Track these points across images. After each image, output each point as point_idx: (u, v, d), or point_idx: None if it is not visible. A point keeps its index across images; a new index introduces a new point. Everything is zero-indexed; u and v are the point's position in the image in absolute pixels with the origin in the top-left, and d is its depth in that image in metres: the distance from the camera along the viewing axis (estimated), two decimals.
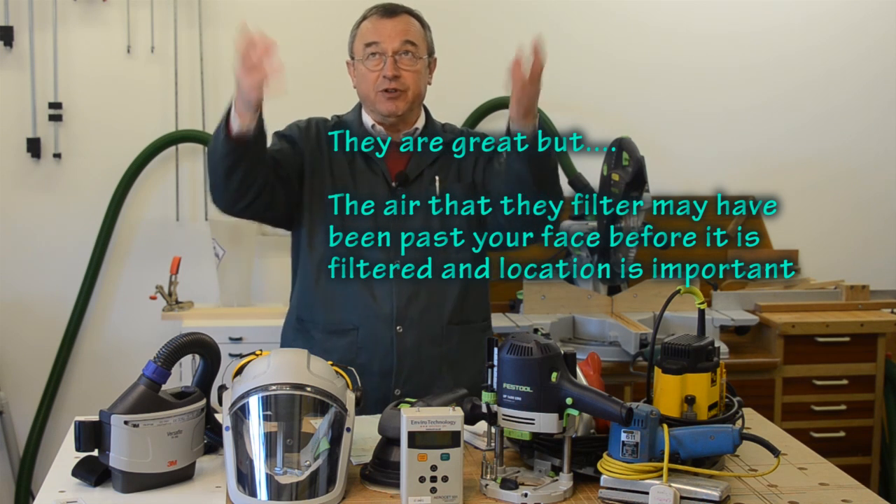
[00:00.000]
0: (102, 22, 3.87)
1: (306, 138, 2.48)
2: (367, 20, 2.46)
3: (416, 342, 2.39)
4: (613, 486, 1.79)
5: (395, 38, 2.40)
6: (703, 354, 1.93)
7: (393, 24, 2.42)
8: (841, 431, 3.74)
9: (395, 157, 2.46)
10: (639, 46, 4.16)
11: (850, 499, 1.84)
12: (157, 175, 3.96)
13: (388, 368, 2.39)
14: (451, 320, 2.44)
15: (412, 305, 2.39)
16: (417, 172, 2.44)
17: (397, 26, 2.41)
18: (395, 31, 2.41)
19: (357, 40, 2.46)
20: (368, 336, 2.39)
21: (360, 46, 2.44)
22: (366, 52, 2.42)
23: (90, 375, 3.98)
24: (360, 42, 2.44)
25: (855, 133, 4.33)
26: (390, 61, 2.39)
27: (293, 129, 2.51)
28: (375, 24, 2.43)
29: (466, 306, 2.47)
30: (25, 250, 3.91)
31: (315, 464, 1.78)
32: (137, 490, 1.82)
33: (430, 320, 2.41)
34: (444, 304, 2.43)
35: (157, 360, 1.84)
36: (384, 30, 2.41)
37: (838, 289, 3.93)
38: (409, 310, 2.39)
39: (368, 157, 2.45)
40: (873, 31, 4.30)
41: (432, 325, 2.41)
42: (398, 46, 2.40)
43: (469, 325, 2.47)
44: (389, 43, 2.40)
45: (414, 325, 2.39)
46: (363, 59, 2.42)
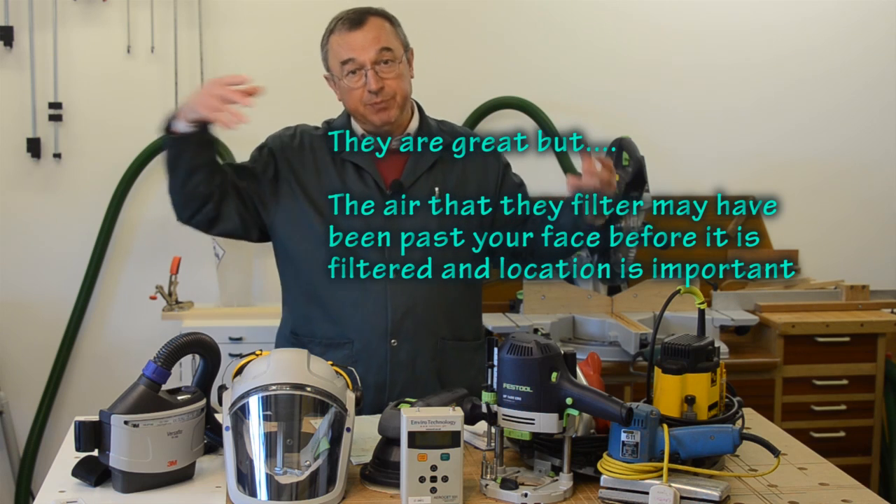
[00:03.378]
0: (102, 22, 3.87)
1: (290, 147, 2.44)
2: (335, 34, 2.39)
3: (410, 356, 2.39)
4: (613, 486, 1.79)
5: (370, 49, 2.33)
6: (703, 354, 1.93)
7: (363, 35, 2.34)
8: (841, 431, 3.74)
9: (390, 162, 2.42)
10: (639, 46, 4.16)
11: (850, 499, 1.84)
12: (157, 175, 3.96)
13: (382, 381, 2.38)
14: (445, 335, 2.44)
15: (407, 319, 2.38)
16: (413, 180, 2.41)
17: (368, 36, 2.34)
18: (367, 42, 2.33)
19: (331, 57, 2.40)
20: (363, 349, 2.38)
21: (336, 64, 2.38)
22: (343, 69, 2.35)
23: (90, 375, 3.98)
24: (335, 60, 2.38)
25: (855, 133, 4.32)
26: (371, 74, 2.32)
27: (275, 140, 2.47)
28: (346, 39, 2.35)
29: (461, 322, 2.47)
30: (25, 250, 3.91)
31: (315, 464, 1.78)
32: (137, 490, 1.82)
33: (425, 334, 2.40)
34: (439, 318, 2.42)
35: (157, 360, 1.84)
36: (356, 43, 2.34)
37: (838, 289, 3.93)
38: (403, 323, 2.38)
39: (358, 165, 2.41)
40: (873, 31, 4.29)
41: (427, 340, 2.40)
42: (374, 56, 2.33)
43: (462, 342, 2.47)
44: (365, 55, 2.33)
45: (408, 339, 2.38)
46: (342, 76, 2.37)
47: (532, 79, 4.08)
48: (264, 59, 3.97)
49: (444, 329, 2.44)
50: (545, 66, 4.12)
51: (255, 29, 3.97)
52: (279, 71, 3.98)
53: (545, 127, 3.94)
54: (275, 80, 3.94)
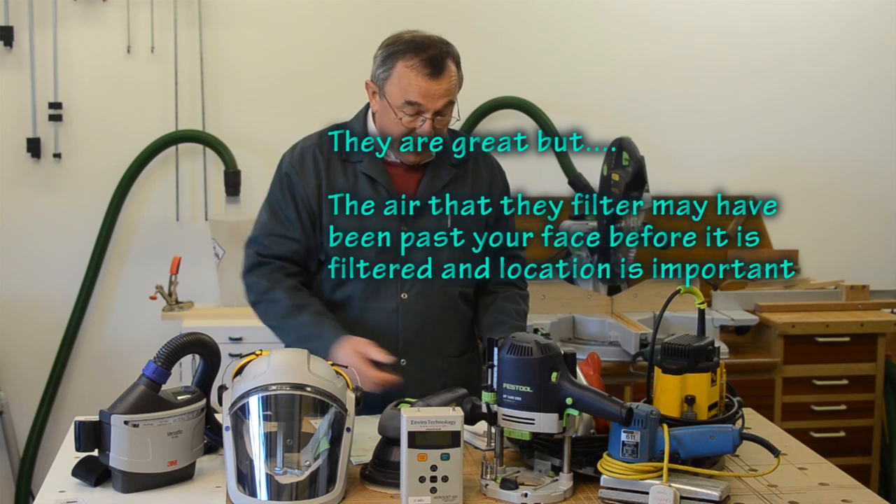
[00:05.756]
0: (102, 22, 3.87)
1: (302, 177, 2.39)
2: (408, 67, 2.27)
3: (419, 375, 2.39)
4: (613, 486, 1.79)
5: (440, 100, 2.28)
6: (703, 354, 1.93)
7: (439, 85, 2.27)
8: (841, 431, 3.74)
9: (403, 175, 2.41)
10: (639, 46, 4.16)
11: (850, 499, 1.84)
12: (157, 175, 3.96)
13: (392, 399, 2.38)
14: (452, 353, 2.46)
15: (418, 338, 2.40)
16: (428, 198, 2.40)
17: (442, 87, 2.28)
18: (440, 93, 2.28)
19: (392, 84, 2.30)
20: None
21: (397, 96, 2.29)
22: (404, 106, 2.29)
23: (90, 375, 3.98)
24: (398, 92, 2.29)
25: (855, 133, 4.32)
26: (429, 123, 2.29)
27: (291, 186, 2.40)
28: (420, 83, 2.26)
29: (466, 337, 2.49)
30: (25, 250, 3.91)
31: (315, 464, 1.78)
32: (137, 490, 1.82)
33: (434, 353, 2.43)
34: (447, 337, 2.45)
35: (157, 360, 1.84)
36: (429, 92, 2.27)
37: (838, 289, 3.93)
38: (414, 342, 2.40)
39: (373, 178, 2.39)
40: (873, 31, 4.29)
41: (435, 358, 2.43)
42: (440, 107, 2.29)
43: (464, 355, 2.50)
44: (432, 105, 2.28)
45: (418, 358, 2.39)
46: (398, 107, 2.29)
47: (532, 79, 4.08)
48: (264, 59, 3.97)
49: (452, 347, 2.47)
50: (545, 66, 4.12)
51: (255, 29, 3.97)
52: (279, 71, 3.98)
53: (545, 127, 3.94)
54: (275, 80, 3.99)
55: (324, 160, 2.40)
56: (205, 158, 3.96)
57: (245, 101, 3.97)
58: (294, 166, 2.40)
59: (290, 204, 2.39)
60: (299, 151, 2.43)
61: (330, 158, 2.41)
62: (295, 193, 2.39)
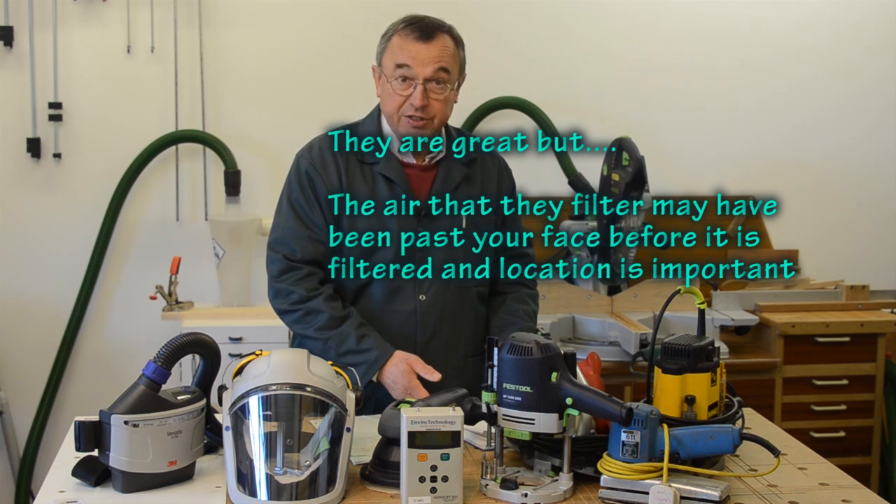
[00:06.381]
0: (102, 22, 3.87)
1: (324, 175, 2.37)
2: (399, 35, 2.32)
3: None
4: (613, 486, 1.79)
5: (429, 66, 2.29)
6: (703, 354, 1.93)
7: (427, 50, 2.29)
8: (841, 431, 3.74)
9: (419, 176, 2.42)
10: (639, 46, 4.16)
11: (850, 499, 1.84)
12: (157, 175, 3.96)
13: None
14: (468, 353, 2.47)
15: (435, 339, 2.41)
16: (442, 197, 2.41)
17: (431, 52, 2.29)
18: (429, 58, 2.29)
19: (387, 55, 2.34)
20: None
21: (390, 64, 2.32)
22: (396, 72, 2.31)
23: (90, 375, 3.98)
24: (391, 59, 2.32)
25: (855, 133, 4.32)
26: (420, 90, 2.29)
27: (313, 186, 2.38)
28: (410, 46, 2.30)
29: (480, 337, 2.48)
30: (25, 250, 3.91)
31: (315, 464, 1.78)
32: (137, 490, 1.82)
33: (451, 354, 2.43)
34: (465, 336, 2.46)
35: (157, 360, 1.84)
36: (418, 55, 2.29)
37: (838, 289, 3.93)
38: (432, 343, 2.41)
39: (390, 179, 2.38)
40: (873, 31, 4.29)
41: (452, 359, 2.43)
42: (430, 74, 2.29)
43: (480, 355, 2.48)
44: (422, 70, 2.29)
45: (435, 358, 2.38)
46: (392, 78, 2.32)
47: (532, 79, 4.08)
48: (264, 59, 3.97)
49: (468, 346, 2.47)
50: (545, 66, 4.12)
51: (255, 29, 3.97)
52: (279, 71, 3.98)
53: (545, 127, 3.94)
54: (275, 80, 3.99)
55: (343, 160, 2.39)
56: (205, 158, 3.96)
57: (245, 101, 3.97)
58: (314, 166, 2.39)
59: (315, 204, 2.38)
60: (318, 151, 2.41)
61: (348, 158, 2.40)
62: (318, 193, 2.38)
